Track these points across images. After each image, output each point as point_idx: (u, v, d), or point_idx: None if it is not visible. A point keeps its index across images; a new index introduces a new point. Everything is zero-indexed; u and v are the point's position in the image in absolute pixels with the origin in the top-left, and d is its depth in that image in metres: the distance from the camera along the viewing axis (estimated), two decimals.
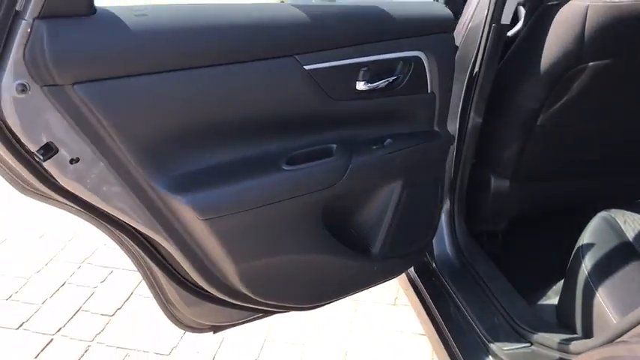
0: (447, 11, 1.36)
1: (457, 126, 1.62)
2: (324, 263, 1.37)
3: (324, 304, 1.51)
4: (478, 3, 1.50)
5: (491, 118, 1.64)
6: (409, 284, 1.78)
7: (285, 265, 1.31)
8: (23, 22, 0.87)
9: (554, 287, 1.66)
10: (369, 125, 1.35)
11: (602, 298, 1.25)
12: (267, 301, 1.36)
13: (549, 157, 1.76)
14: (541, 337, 1.35)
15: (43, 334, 2.06)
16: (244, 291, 1.28)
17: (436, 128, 1.45)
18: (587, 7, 1.39)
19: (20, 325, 2.10)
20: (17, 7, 0.86)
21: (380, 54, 1.27)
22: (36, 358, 1.95)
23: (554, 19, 1.45)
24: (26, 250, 2.52)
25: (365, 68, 1.25)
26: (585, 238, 1.41)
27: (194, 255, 1.19)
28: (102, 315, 2.15)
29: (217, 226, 1.14)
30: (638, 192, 1.81)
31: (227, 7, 1.11)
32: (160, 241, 1.15)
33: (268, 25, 1.13)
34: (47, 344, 2.01)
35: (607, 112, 1.66)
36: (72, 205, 1.09)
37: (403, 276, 1.82)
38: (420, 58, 1.32)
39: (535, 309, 1.57)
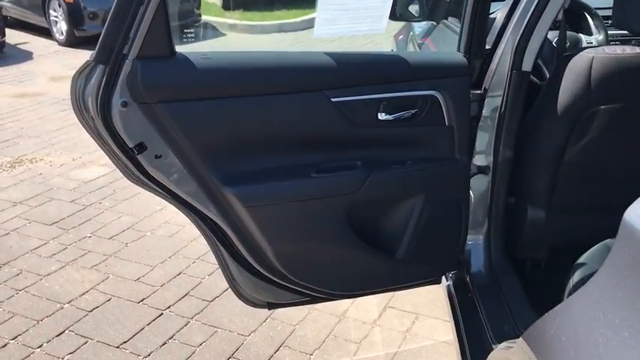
0: (462, 59, 1.66)
1: (492, 159, 1.87)
2: (349, 256, 1.69)
3: (355, 296, 1.82)
4: (502, 52, 1.77)
5: (523, 153, 1.86)
6: (448, 298, 2.02)
7: (313, 251, 1.66)
8: (127, 61, 1.34)
9: None
10: (391, 149, 1.67)
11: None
12: (303, 283, 1.71)
13: (583, 191, 1.92)
14: None
15: (156, 308, 2.59)
16: (281, 269, 1.65)
17: (457, 156, 1.72)
18: (593, 58, 1.61)
19: (141, 300, 2.65)
20: (124, 51, 1.34)
21: (399, 92, 1.60)
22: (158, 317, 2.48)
23: (567, 68, 1.67)
24: (156, 246, 3.12)
25: (385, 102, 1.60)
26: (581, 259, 1.58)
27: (243, 235, 1.59)
28: (203, 300, 2.64)
29: (256, 212, 1.53)
30: None
31: (271, 53, 1.53)
32: (217, 221, 1.57)
33: (304, 67, 1.53)
34: (158, 316, 2.54)
35: (632, 150, 1.80)
36: (159, 190, 1.55)
37: (446, 289, 2.06)
38: (436, 97, 1.63)
39: None
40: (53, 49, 8.05)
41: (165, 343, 2.38)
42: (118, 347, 2.36)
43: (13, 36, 8.34)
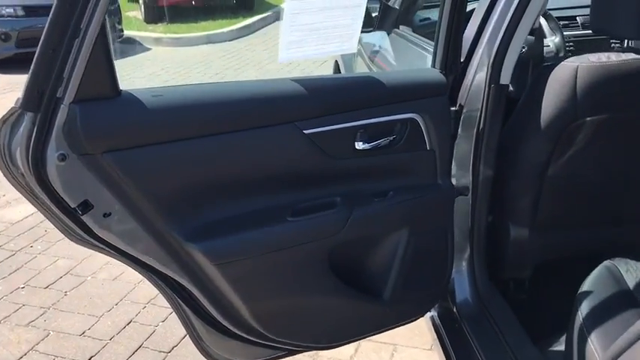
0: (439, 76, 1.51)
1: (471, 178, 1.73)
2: (333, 305, 1.51)
3: (342, 344, 1.64)
4: (478, 65, 1.64)
5: (504, 170, 1.74)
6: (433, 329, 1.88)
7: (294, 305, 1.46)
8: (62, 106, 1.11)
9: (565, 335, 1.70)
10: (372, 181, 1.50)
11: (594, 347, 1.31)
12: (283, 339, 1.51)
13: (568, 205, 1.82)
14: None
15: None
16: (259, 328, 1.45)
17: (439, 181, 1.57)
18: (577, 67, 1.50)
19: (90, 359, 2.36)
20: (58, 95, 1.11)
21: (376, 117, 1.43)
22: None
23: (550, 79, 1.56)
24: (99, 292, 2.82)
25: (362, 130, 1.42)
26: (585, 286, 1.46)
27: (213, 295, 1.38)
28: (160, 352, 2.38)
29: (228, 270, 1.32)
30: None
31: (230, 83, 1.33)
32: (181, 282, 1.35)
33: (269, 97, 1.33)
34: None
35: (619, 162, 1.72)
36: (109, 250, 1.31)
37: (430, 320, 1.91)
38: (416, 120, 1.47)
39: (545, 355, 1.61)
40: None
41: None
42: None
43: None
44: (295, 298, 1.46)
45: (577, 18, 2.50)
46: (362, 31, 2.40)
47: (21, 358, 2.38)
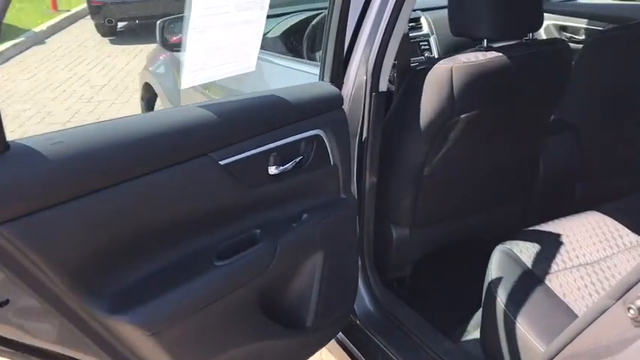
0: (334, 89, 1.47)
1: (355, 187, 1.71)
2: (267, 350, 1.38)
3: None
4: (357, 74, 1.63)
5: (385, 174, 1.76)
6: (338, 346, 1.83)
7: (234, 357, 1.30)
8: None
9: (472, 322, 1.79)
10: (285, 205, 1.40)
11: (523, 328, 1.38)
12: None
13: (442, 202, 1.91)
14: None
15: None
16: None
17: (343, 196, 1.53)
18: (452, 68, 1.57)
19: None
20: None
21: (286, 138, 1.33)
22: None
23: (425, 81, 1.61)
24: None
25: (274, 153, 1.31)
26: (493, 273, 1.54)
27: None
28: None
29: (165, 336, 1.11)
30: (519, 218, 2.03)
31: (136, 118, 1.12)
32: None
33: (181, 129, 1.15)
34: None
35: (486, 152, 1.86)
36: (4, 348, 1.02)
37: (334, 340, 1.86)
38: (321, 136, 1.41)
39: (461, 346, 1.68)
40: None
41: None
42: None
43: None
44: (235, 349, 1.29)
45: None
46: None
47: None
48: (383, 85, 1.62)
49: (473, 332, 1.74)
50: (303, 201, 1.44)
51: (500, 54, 1.61)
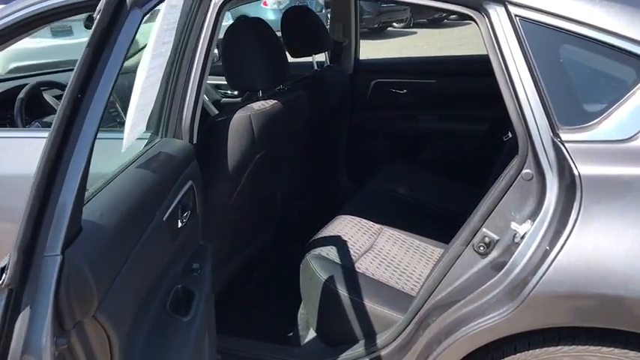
0: (185, 143, 1.57)
1: None
2: None
3: None
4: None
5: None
6: None
7: None
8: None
9: (299, 324, 2.03)
10: (183, 255, 1.43)
11: (371, 305, 1.75)
12: None
13: (232, 240, 2.10)
14: (348, 355, 1.75)
15: None
16: None
17: (201, 242, 1.62)
18: (250, 115, 1.84)
19: None
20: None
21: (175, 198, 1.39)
22: None
23: (229, 129, 1.82)
24: None
25: (180, 206, 1.37)
26: (321, 273, 1.84)
27: None
28: None
29: None
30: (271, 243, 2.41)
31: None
32: None
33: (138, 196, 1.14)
34: None
35: (267, 187, 2.15)
36: None
37: None
38: (193, 186, 1.50)
39: (305, 347, 1.92)
40: None
41: None
42: None
43: None
44: None
45: None
46: None
47: None
48: (194, 139, 1.76)
49: (305, 332, 2.00)
50: (186, 250, 1.49)
51: (276, 101, 1.96)
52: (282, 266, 2.16)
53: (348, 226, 2.18)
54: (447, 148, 3.11)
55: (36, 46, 6.57)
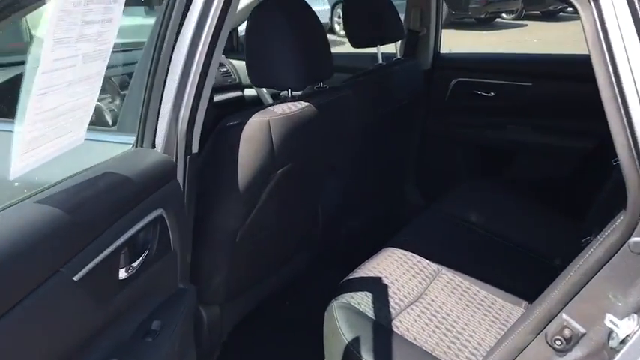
0: (166, 157, 1.19)
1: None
2: None
3: None
4: (166, 136, 1.35)
5: (196, 250, 1.50)
6: None
7: None
8: None
9: None
10: (134, 311, 1.06)
11: None
12: None
13: (251, 268, 1.74)
14: None
15: None
16: None
17: (181, 285, 1.25)
18: (269, 121, 1.44)
19: None
20: None
21: (131, 227, 1.01)
22: None
23: (241, 137, 1.43)
24: None
25: (124, 250, 0.98)
26: (344, 330, 1.44)
27: None
28: None
29: None
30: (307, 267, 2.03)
31: None
32: None
33: (29, 242, 0.76)
34: None
35: (286, 207, 1.75)
36: None
37: None
38: (163, 216, 1.12)
39: None
40: None
41: None
42: None
43: None
44: None
45: None
46: None
47: None
48: (195, 147, 1.39)
49: None
50: (148, 302, 1.11)
51: (308, 103, 1.54)
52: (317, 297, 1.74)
53: (395, 264, 1.72)
54: (540, 167, 2.55)
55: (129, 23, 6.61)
